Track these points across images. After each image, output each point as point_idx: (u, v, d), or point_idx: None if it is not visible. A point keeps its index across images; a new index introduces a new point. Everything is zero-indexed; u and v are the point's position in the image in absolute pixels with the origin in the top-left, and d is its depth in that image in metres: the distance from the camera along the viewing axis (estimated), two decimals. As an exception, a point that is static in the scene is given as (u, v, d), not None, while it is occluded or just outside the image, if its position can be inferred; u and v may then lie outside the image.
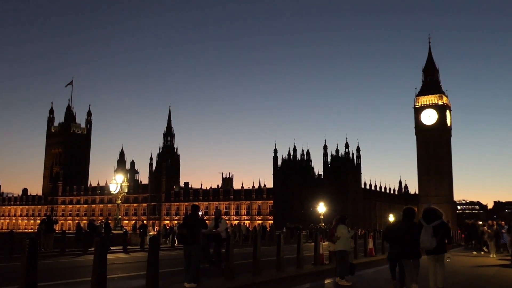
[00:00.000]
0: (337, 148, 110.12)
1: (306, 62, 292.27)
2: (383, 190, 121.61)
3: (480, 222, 41.00)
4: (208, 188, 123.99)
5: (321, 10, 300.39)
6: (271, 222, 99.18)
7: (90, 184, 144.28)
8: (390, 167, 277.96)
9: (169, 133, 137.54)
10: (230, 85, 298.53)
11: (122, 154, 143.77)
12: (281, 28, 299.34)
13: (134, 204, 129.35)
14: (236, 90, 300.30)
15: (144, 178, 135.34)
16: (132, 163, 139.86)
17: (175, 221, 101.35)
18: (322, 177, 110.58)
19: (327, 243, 17.55)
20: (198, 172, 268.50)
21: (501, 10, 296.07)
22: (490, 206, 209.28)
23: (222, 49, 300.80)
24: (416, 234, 10.81)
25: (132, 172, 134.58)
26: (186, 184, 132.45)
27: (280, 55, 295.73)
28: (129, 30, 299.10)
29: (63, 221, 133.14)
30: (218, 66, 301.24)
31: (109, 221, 32.65)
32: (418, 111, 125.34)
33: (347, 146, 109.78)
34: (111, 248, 27.22)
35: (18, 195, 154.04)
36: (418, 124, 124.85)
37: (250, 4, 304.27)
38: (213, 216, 19.42)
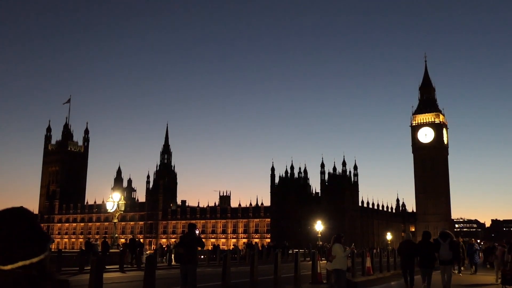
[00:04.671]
0: (334, 166, 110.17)
1: (303, 80, 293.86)
2: (380, 208, 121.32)
3: (480, 242, 40.49)
4: (205, 206, 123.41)
5: (318, 29, 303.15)
6: (268, 240, 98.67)
7: (87, 202, 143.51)
8: (387, 185, 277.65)
9: (166, 151, 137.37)
10: (227, 103, 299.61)
11: (119, 172, 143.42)
12: (278, 46, 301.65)
13: (131, 223, 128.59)
14: (233, 108, 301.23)
15: (141, 196, 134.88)
16: (129, 181, 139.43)
17: (173, 239, 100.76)
18: (319, 195, 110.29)
19: (325, 261, 17.52)
20: (195, 190, 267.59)
21: (497, 28, 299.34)
22: (487, 224, 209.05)
23: (219, 67, 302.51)
24: (433, 250, 15.02)
25: (129, 190, 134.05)
26: (183, 202, 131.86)
27: (277, 73, 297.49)
28: (126, 48, 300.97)
29: (59, 239, 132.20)
30: (215, 85, 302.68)
31: (107, 240, 32.59)
32: (415, 129, 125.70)
33: (344, 164, 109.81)
34: (107, 267, 27.08)
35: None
36: (415, 142, 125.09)
37: (246, 23, 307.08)
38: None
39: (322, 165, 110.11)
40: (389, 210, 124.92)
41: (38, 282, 1.73)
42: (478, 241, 64.54)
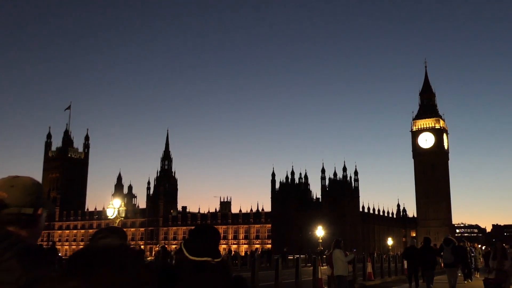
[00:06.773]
0: (335, 171, 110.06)
1: (304, 86, 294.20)
2: (381, 213, 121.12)
3: (482, 246, 39.84)
4: (206, 212, 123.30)
5: (318, 36, 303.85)
6: (269, 246, 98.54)
7: (87, 209, 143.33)
8: (388, 191, 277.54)
9: (166, 157, 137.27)
10: (228, 109, 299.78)
11: (119, 178, 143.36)
12: (278, 52, 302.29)
13: (132, 229, 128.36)
14: (234, 114, 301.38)
15: (141, 202, 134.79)
16: (130, 188, 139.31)
17: (173, 246, 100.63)
18: (320, 200, 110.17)
19: (326, 267, 17.54)
20: (196, 196, 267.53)
21: (497, 34, 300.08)
22: (488, 229, 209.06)
23: (220, 73, 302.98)
24: (433, 254, 17.13)
25: (130, 196, 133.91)
26: (184, 208, 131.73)
27: (278, 79, 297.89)
28: (127, 54, 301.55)
29: (59, 246, 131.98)
30: (216, 91, 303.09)
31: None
32: (415, 134, 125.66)
33: (345, 169, 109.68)
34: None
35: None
36: (416, 148, 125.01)
37: (246, 29, 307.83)
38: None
39: (323, 171, 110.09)
40: (390, 215, 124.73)
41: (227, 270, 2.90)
42: (480, 246, 64.22)
